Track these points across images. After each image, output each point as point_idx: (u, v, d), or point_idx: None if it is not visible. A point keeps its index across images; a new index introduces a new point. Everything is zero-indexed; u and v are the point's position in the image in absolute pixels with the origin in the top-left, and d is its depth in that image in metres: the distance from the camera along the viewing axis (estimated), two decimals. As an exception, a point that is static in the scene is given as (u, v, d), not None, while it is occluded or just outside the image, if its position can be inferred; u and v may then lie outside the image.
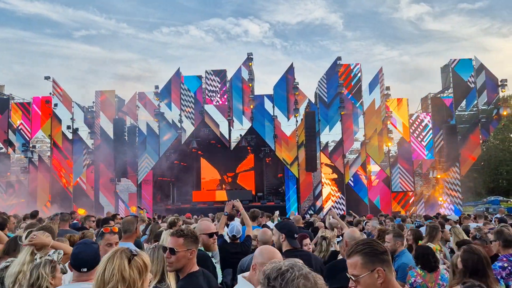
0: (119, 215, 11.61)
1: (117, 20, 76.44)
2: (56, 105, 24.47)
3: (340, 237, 6.35)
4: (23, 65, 77.44)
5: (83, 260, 2.82)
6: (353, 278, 1.99)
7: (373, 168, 23.07)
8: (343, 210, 21.66)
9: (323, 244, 5.24)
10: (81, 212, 19.41)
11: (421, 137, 23.57)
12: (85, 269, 2.80)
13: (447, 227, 8.59)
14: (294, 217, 8.32)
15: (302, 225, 7.56)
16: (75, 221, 9.09)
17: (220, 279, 4.13)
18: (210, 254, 3.97)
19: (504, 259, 4.18)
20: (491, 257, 4.56)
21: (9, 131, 24.58)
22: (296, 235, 3.83)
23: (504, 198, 36.22)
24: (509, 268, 4.00)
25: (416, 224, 10.01)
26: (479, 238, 4.96)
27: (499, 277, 4.00)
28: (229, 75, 24.02)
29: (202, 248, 3.93)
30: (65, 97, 24.71)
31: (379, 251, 2.02)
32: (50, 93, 24.64)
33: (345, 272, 2.32)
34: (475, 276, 3.41)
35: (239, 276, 2.73)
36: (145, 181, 23.85)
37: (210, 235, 3.96)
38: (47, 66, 73.37)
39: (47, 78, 24.43)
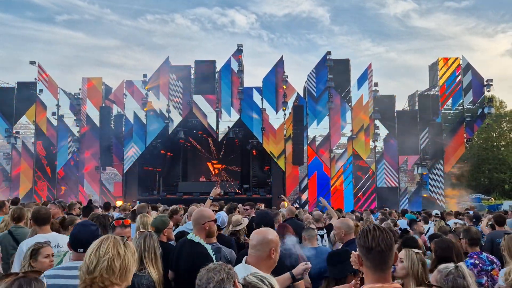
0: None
1: (101, 5, 74.92)
2: (41, 90, 24.03)
3: (324, 229, 6.38)
4: (5, 49, 75.66)
5: (81, 241, 2.85)
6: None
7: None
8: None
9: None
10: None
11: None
12: (81, 250, 2.81)
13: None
14: (289, 207, 8.31)
15: (293, 216, 7.55)
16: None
17: None
18: (209, 247, 3.53)
19: (475, 256, 4.23)
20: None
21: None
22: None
23: (486, 196, 36.96)
24: (480, 265, 4.08)
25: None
26: (453, 231, 5.10)
27: None
28: (218, 66, 23.89)
29: (202, 241, 3.53)
30: (50, 83, 24.27)
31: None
32: (35, 79, 24.17)
33: (345, 263, 2.30)
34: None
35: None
36: (130, 170, 23.67)
37: (215, 221, 3.71)
38: (30, 51, 71.81)
39: (32, 63, 23.94)
